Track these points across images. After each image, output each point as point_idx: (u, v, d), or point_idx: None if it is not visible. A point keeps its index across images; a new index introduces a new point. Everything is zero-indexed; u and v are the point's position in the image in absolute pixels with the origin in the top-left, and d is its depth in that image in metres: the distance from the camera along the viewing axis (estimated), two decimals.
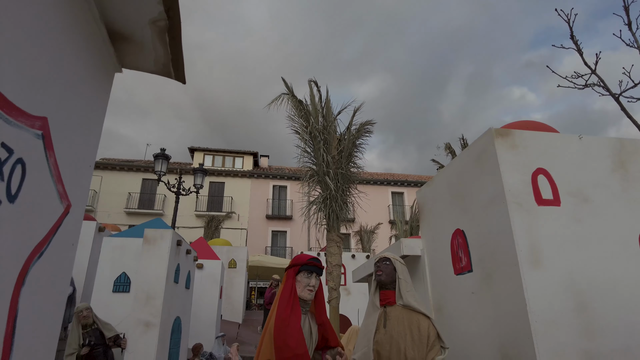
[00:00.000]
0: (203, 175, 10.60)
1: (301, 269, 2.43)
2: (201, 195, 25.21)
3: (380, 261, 2.69)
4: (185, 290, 6.68)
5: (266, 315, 12.23)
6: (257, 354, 2.28)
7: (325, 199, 5.57)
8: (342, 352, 2.53)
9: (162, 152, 9.89)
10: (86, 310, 5.21)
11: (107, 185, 25.52)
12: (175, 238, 5.97)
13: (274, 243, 25.58)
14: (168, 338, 5.80)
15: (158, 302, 5.44)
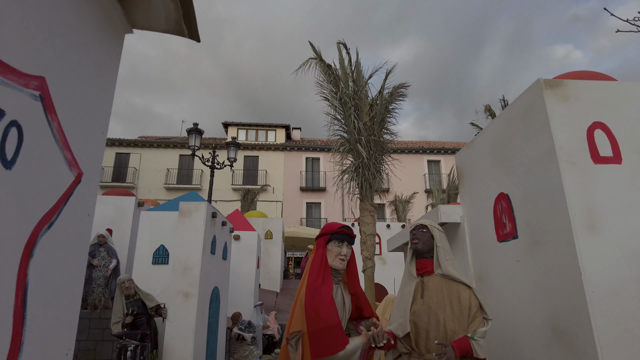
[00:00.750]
0: (236, 149, 10.63)
1: (332, 237, 2.31)
2: (236, 169, 25.62)
3: (417, 229, 2.53)
4: (223, 261, 6.79)
5: None
6: (288, 325, 2.21)
7: (357, 168, 5.39)
8: (377, 323, 2.43)
9: (195, 126, 9.96)
10: (128, 282, 5.39)
11: (146, 162, 26.36)
12: (210, 210, 6.02)
13: (309, 214, 25.79)
14: (207, 307, 5.95)
15: (195, 273, 5.55)
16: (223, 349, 6.81)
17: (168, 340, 5.38)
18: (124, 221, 8.99)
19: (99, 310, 6.78)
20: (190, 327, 5.40)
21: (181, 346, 5.34)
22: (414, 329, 2.37)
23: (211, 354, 6.12)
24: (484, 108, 8.11)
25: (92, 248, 7.62)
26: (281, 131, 28.34)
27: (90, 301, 6.90)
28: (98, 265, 7.49)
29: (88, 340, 6.65)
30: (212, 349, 6.16)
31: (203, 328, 5.77)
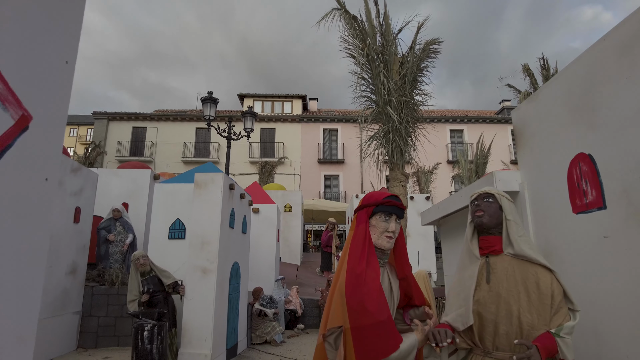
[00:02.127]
0: (253, 118, 10.16)
1: (376, 210, 1.85)
2: (253, 142, 25.25)
3: (480, 198, 2.04)
4: (242, 235, 6.46)
5: (325, 258, 12.14)
6: (324, 318, 1.79)
7: (386, 133, 4.87)
8: (430, 312, 1.99)
9: (209, 95, 9.49)
10: (142, 258, 5.10)
11: (163, 136, 26.18)
12: (227, 182, 5.63)
13: (327, 187, 25.39)
14: (227, 283, 5.65)
15: (213, 248, 5.22)
16: (245, 326, 6.57)
17: (187, 318, 5.11)
18: (140, 195, 8.73)
19: (117, 286, 6.58)
20: (210, 305, 5.12)
21: (200, 324, 5.07)
22: (477, 321, 1.92)
23: (232, 331, 5.86)
24: (522, 67, 7.38)
25: (108, 223, 7.39)
26: (297, 102, 27.66)
27: (107, 277, 6.70)
28: (114, 241, 7.26)
29: (107, 317, 6.49)
30: (233, 326, 5.90)
31: (223, 305, 5.48)
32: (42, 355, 5.54)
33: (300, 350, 6.53)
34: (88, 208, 6.71)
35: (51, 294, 5.71)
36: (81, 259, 6.49)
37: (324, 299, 8.18)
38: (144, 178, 8.90)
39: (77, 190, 6.33)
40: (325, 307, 1.85)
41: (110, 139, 25.98)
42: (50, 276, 5.68)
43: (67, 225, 6.08)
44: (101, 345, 6.39)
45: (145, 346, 4.43)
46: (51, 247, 5.67)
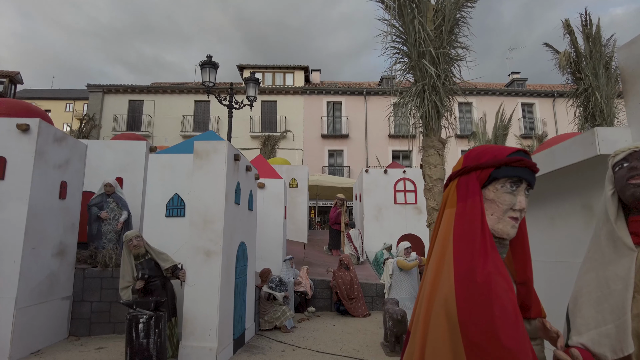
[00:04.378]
0: (256, 86, 9.34)
1: (496, 174, 1.13)
2: (254, 116, 24.34)
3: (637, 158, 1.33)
4: (249, 212, 5.78)
5: (333, 235, 11.53)
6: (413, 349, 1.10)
7: (420, 92, 4.12)
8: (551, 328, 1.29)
9: (208, 59, 8.64)
10: (136, 239, 4.43)
11: (160, 109, 25.27)
12: (232, 151, 4.90)
13: (331, 162, 24.63)
14: (233, 266, 5.01)
15: (218, 227, 4.54)
16: (252, 312, 5.98)
17: (188, 306, 4.49)
18: (136, 169, 8.02)
19: (111, 268, 5.95)
20: (214, 291, 4.48)
21: (204, 313, 4.45)
22: (638, 346, 1.24)
23: (239, 319, 5.26)
24: (563, 24, 6.53)
25: (100, 199, 6.70)
26: (300, 74, 26.58)
27: (100, 259, 6.06)
28: (107, 218, 6.59)
29: (101, 302, 5.88)
30: (240, 313, 5.30)
31: (229, 291, 4.86)
32: (28, 345, 4.95)
33: (314, 337, 5.95)
34: (76, 182, 6.00)
35: (36, 278, 5.07)
36: (70, 239, 5.83)
37: (336, 280, 7.59)
38: (140, 150, 8.17)
39: (62, 162, 5.60)
40: (409, 325, 1.17)
41: (106, 112, 25.06)
42: (34, 258, 5.02)
43: (51, 202, 5.38)
44: (95, 333, 5.81)
45: (141, 341, 3.81)
46: (33, 225, 4.99)
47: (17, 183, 4.94)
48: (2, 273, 4.77)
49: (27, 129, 5.05)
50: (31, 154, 5.01)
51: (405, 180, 11.49)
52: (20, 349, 4.80)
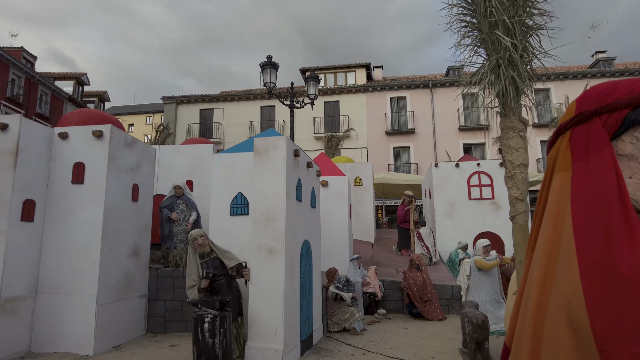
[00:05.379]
0: (316, 84, 9.21)
1: (634, 117, 0.78)
2: (317, 117, 24.43)
3: None
4: (312, 210, 5.61)
5: (402, 234, 11.05)
6: None
7: (494, 67, 3.64)
8: None
9: (268, 60, 8.67)
10: (201, 238, 4.43)
11: (229, 116, 26.31)
12: (291, 147, 4.75)
13: (397, 160, 23.93)
14: (297, 265, 4.85)
15: (280, 224, 4.40)
16: (320, 312, 5.79)
17: (253, 306, 4.39)
18: (204, 171, 8.23)
19: (182, 268, 6.10)
20: (279, 291, 4.34)
21: (269, 314, 4.32)
22: None
23: (306, 319, 5.09)
24: None
25: (170, 201, 6.94)
26: (361, 72, 26.22)
27: (171, 259, 6.25)
28: (177, 219, 6.80)
29: (174, 301, 6.05)
30: (306, 313, 5.12)
31: (294, 290, 4.70)
32: (110, 340, 5.19)
33: (385, 341, 5.61)
34: (147, 185, 6.25)
35: (113, 276, 5.31)
36: (143, 240, 6.07)
37: (407, 281, 7.17)
38: (207, 153, 8.37)
39: (133, 166, 5.85)
40: (511, 351, 0.85)
41: (180, 122, 26.62)
42: (111, 258, 5.27)
43: (125, 204, 5.63)
44: (169, 331, 5.99)
45: (207, 340, 3.76)
46: (109, 227, 5.23)
47: (94, 186, 5.21)
48: (83, 271, 5.04)
49: (101, 135, 5.31)
50: (105, 159, 5.26)
51: (479, 173, 10.68)
52: (103, 343, 5.04)
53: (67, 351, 4.96)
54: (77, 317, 4.98)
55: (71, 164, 5.31)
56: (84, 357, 4.84)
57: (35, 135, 5.17)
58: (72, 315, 5.00)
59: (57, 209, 5.24)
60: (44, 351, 4.98)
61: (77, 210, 5.19)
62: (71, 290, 5.05)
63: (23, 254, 4.93)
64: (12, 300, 4.75)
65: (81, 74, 29.63)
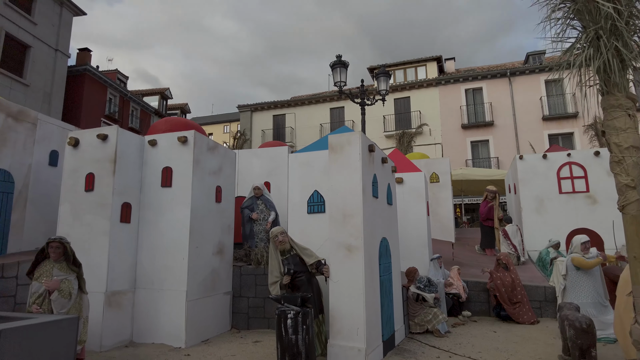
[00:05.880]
0: (387, 79, 9.01)
1: None
2: (387, 115, 24.05)
3: None
4: (388, 207, 5.46)
5: (485, 233, 10.37)
6: None
7: (593, 39, 3.23)
8: None
9: (338, 59, 8.67)
10: (281, 235, 4.51)
11: (301, 120, 26.93)
12: (366, 143, 4.66)
13: (475, 154, 22.70)
14: (376, 263, 4.74)
15: (357, 221, 4.33)
16: (401, 313, 5.61)
17: (334, 303, 4.36)
18: (280, 172, 8.44)
19: (263, 266, 6.29)
20: (359, 287, 4.27)
21: (350, 312, 4.26)
22: None
23: (388, 319, 4.95)
24: None
25: (250, 201, 7.20)
26: (432, 65, 25.33)
27: (253, 257, 6.47)
28: (258, 219, 7.03)
29: (256, 298, 6.25)
30: (388, 313, 4.99)
31: (374, 288, 4.59)
32: (199, 334, 5.49)
33: (472, 344, 5.28)
34: (229, 187, 6.54)
35: (200, 274, 5.62)
36: (227, 239, 6.35)
37: (495, 282, 6.70)
38: (283, 155, 8.58)
39: (215, 169, 6.15)
40: None
41: (255, 128, 27.77)
42: (198, 256, 5.57)
43: (209, 205, 5.94)
44: (253, 327, 6.19)
45: (290, 337, 3.79)
46: (195, 226, 5.54)
47: (181, 189, 5.56)
48: (174, 269, 5.39)
49: (186, 141, 5.65)
50: (190, 163, 5.59)
51: (571, 164, 9.71)
52: (192, 337, 5.35)
53: (163, 343, 5.33)
54: (169, 311, 5.34)
55: (160, 168, 5.72)
56: (176, 349, 5.16)
57: (129, 143, 5.65)
58: (166, 309, 5.36)
59: (150, 211, 5.67)
60: (143, 341, 5.40)
61: (167, 212, 5.57)
62: (164, 286, 5.42)
63: (123, 252, 5.40)
64: (116, 294, 5.22)
65: (164, 89, 32.23)
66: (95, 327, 4.91)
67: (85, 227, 5.29)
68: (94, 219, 5.27)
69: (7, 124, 6.03)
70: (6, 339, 3.02)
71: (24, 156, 6.33)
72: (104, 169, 5.37)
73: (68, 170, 5.58)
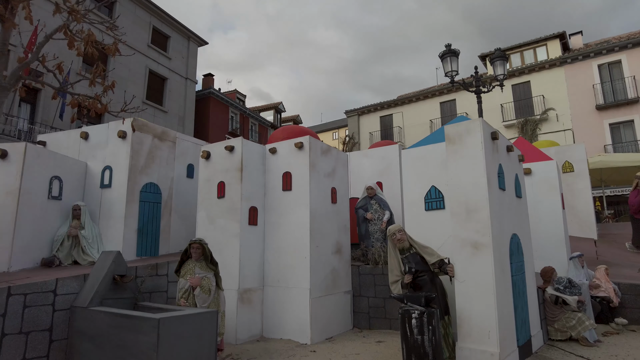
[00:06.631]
0: (504, 62, 8.27)
1: None
2: (505, 103, 22.18)
3: None
4: (517, 200, 4.98)
5: (637, 227, 8.87)
6: None
7: None
8: None
9: (448, 48, 8.23)
10: (399, 233, 4.41)
11: (409, 118, 26.35)
12: (488, 130, 4.33)
13: (615, 138, 19.62)
14: (507, 261, 4.34)
15: (483, 215, 4.03)
16: (537, 317, 5.06)
17: (461, 304, 4.11)
18: (391, 171, 8.31)
19: (381, 266, 6.24)
20: (489, 288, 3.96)
21: (479, 312, 3.98)
22: None
23: (522, 323, 4.50)
24: None
25: (364, 202, 7.21)
26: (554, 43, 22.63)
27: (370, 256, 6.47)
28: (372, 219, 7.01)
29: (376, 298, 6.22)
30: (522, 316, 4.53)
31: (506, 289, 4.22)
32: (323, 332, 5.66)
33: (635, 357, 4.50)
34: (343, 188, 6.66)
35: (321, 272, 5.80)
36: (344, 239, 6.47)
37: None
38: (394, 154, 8.44)
39: (329, 171, 6.32)
40: None
41: (363, 131, 27.98)
42: (318, 255, 5.77)
43: (326, 206, 6.11)
44: (374, 327, 6.17)
45: (415, 337, 3.68)
46: (315, 227, 5.75)
47: (300, 192, 5.82)
48: (297, 267, 5.66)
49: (302, 146, 5.92)
50: (306, 167, 5.83)
51: None
52: (317, 334, 5.53)
53: (290, 339, 5.61)
54: (295, 308, 5.60)
55: (281, 173, 6.08)
56: (302, 345, 5.38)
57: (252, 152, 6.12)
58: (291, 306, 5.64)
59: (273, 214, 6.06)
60: (272, 337, 5.76)
61: (289, 214, 5.88)
62: (288, 284, 5.72)
63: (252, 252, 5.85)
64: (247, 291, 5.67)
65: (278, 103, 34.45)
66: (231, 322, 5.39)
67: (219, 230, 5.87)
68: (226, 223, 5.82)
69: (154, 144, 7.01)
70: (163, 326, 3.49)
71: (167, 170, 7.28)
72: (232, 177, 5.90)
73: (202, 180, 6.27)
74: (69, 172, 6.37)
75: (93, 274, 4.56)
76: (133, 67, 19.70)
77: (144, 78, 20.52)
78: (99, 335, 3.96)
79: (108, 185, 6.49)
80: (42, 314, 4.24)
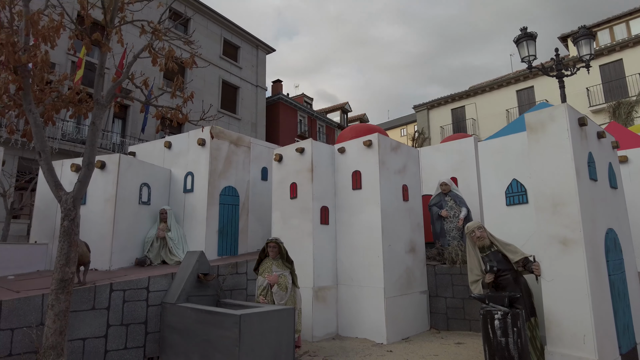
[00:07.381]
0: (590, 40, 7.49)
1: None
2: (591, 87, 20.12)
3: None
4: (612, 191, 4.50)
5: None
6: None
7: None
8: None
9: (523, 32, 7.65)
10: (479, 230, 4.19)
11: (482, 109, 25.00)
12: (574, 116, 3.96)
13: None
14: (602, 259, 3.94)
15: (572, 209, 3.69)
16: None
17: (549, 306, 3.81)
18: (467, 165, 7.95)
19: (458, 265, 5.99)
20: (582, 287, 3.62)
21: (571, 314, 3.65)
22: None
23: (625, 328, 4.05)
24: None
25: (438, 199, 6.98)
26: None
27: (447, 255, 6.24)
28: (447, 216, 6.76)
29: (454, 298, 5.99)
30: (624, 320, 4.08)
31: (603, 289, 3.82)
32: (399, 332, 5.57)
33: None
34: (415, 185, 6.50)
35: (395, 272, 5.71)
36: (418, 238, 6.30)
37: None
38: (469, 147, 8.06)
39: (400, 168, 6.20)
40: None
41: (433, 126, 27.05)
42: (391, 254, 5.68)
43: (397, 204, 6.01)
44: (452, 328, 5.93)
45: (499, 339, 3.47)
46: (386, 225, 5.68)
47: (370, 190, 5.79)
48: (370, 266, 5.63)
49: (370, 144, 5.88)
50: (376, 164, 5.78)
51: None
52: (393, 334, 5.46)
53: (365, 338, 5.60)
54: (369, 307, 5.58)
55: (350, 172, 6.10)
56: (378, 344, 5.33)
57: (322, 153, 6.21)
58: (366, 305, 5.62)
59: (344, 213, 6.09)
60: (348, 335, 5.78)
61: (359, 212, 5.88)
62: (362, 283, 5.71)
63: (325, 251, 5.94)
64: (322, 289, 5.76)
65: (344, 104, 34.57)
66: (307, 319, 5.51)
67: (293, 230, 6.04)
68: (299, 222, 5.97)
69: (231, 149, 7.40)
70: (244, 322, 3.66)
71: (243, 174, 7.64)
72: (304, 178, 6.03)
73: (276, 182, 6.49)
74: (155, 178, 6.94)
75: (179, 273, 4.93)
76: (208, 79, 21.01)
77: (218, 88, 21.80)
78: (186, 330, 4.27)
79: (190, 189, 6.98)
80: (138, 309, 4.67)
